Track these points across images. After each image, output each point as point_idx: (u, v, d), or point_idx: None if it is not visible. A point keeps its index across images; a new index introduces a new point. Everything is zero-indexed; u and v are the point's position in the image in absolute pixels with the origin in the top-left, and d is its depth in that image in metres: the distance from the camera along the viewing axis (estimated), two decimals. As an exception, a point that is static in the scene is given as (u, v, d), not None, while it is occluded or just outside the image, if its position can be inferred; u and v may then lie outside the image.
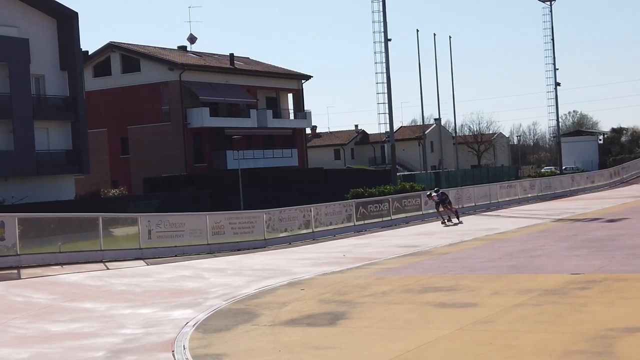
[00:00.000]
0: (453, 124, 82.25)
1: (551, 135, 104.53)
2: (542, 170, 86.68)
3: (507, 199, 45.38)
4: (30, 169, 45.48)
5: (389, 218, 35.41)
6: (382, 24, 49.87)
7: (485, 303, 13.57)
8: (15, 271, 19.20)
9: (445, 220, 33.59)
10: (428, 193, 33.99)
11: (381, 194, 40.69)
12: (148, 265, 22.13)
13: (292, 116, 70.90)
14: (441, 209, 34.24)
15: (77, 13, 48.86)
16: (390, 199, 36.41)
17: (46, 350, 12.09)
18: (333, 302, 14.93)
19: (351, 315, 13.41)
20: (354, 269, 20.12)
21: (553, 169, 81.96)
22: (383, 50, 49.90)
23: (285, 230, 29.82)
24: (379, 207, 35.31)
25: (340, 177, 66.73)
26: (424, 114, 77.99)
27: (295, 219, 30.44)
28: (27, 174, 45.43)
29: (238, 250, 26.43)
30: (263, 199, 50.99)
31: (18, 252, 19.91)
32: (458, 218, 34.13)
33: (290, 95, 71.56)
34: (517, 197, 46.53)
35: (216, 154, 61.50)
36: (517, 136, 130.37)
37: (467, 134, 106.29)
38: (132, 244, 23.98)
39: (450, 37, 69.95)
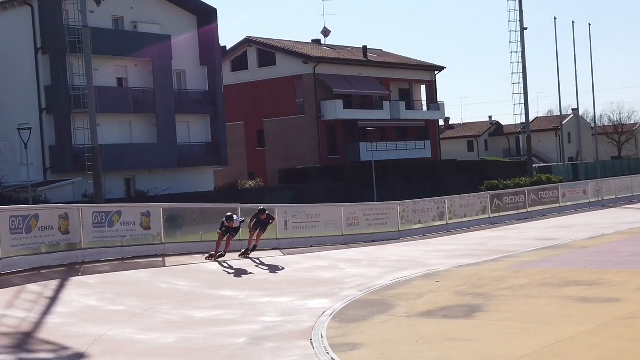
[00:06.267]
0: (592, 114, 79.69)
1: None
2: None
3: (651, 191, 43.57)
4: (172, 161, 47.23)
5: (525, 210, 34.72)
6: (517, 12, 48.95)
7: (630, 298, 13.15)
8: (161, 259, 20.00)
9: (222, 255, 20.47)
10: (229, 214, 20.55)
11: (516, 186, 39.99)
12: (285, 255, 22.57)
13: (425, 108, 70.43)
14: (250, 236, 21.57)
15: (216, 9, 50.32)
16: (526, 191, 35.69)
17: (190, 335, 12.58)
18: (469, 294, 14.83)
19: (488, 308, 13.29)
20: (489, 261, 19.90)
21: (701, 160, 77.91)
22: (519, 39, 48.99)
23: (419, 222, 29.75)
24: (515, 199, 34.67)
25: (473, 169, 65.88)
26: (562, 104, 75.65)
27: (429, 211, 30.32)
28: (170, 165, 47.19)
29: (372, 241, 26.57)
30: (396, 191, 51.02)
31: (163, 241, 20.73)
32: (247, 253, 21.38)
33: (423, 87, 71.10)
34: (662, 190, 44.57)
35: (349, 146, 61.89)
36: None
37: (606, 124, 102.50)
38: (269, 234, 24.43)
39: (589, 24, 67.64)
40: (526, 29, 48.87)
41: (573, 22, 66.41)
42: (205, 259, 20.26)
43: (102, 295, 15.35)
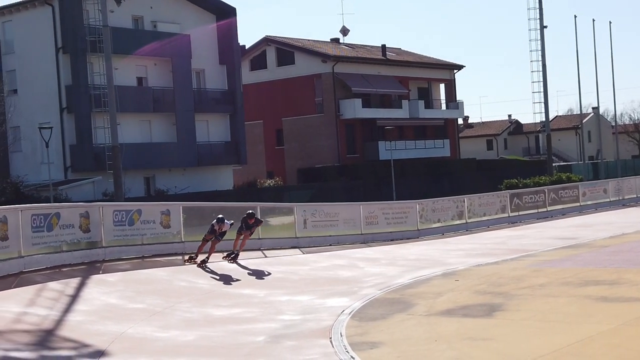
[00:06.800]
0: (612, 113, 79.13)
1: None
2: None
3: (672, 190, 43.22)
4: (191, 160, 47.42)
5: (544, 209, 34.59)
6: (537, 10, 48.75)
7: (650, 298, 13.08)
8: (180, 257, 20.03)
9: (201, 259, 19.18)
10: (220, 216, 19.24)
11: (536, 185, 39.83)
12: (304, 253, 22.58)
13: (444, 106, 70.28)
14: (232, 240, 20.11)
15: (235, 9, 50.47)
16: (546, 190, 35.55)
17: (210, 333, 12.64)
18: (488, 293, 14.80)
19: (508, 307, 13.26)
20: (509, 260, 19.85)
21: None
22: (539, 37, 48.83)
23: (438, 221, 29.68)
24: (534, 198, 34.54)
25: (493, 168, 65.66)
26: (582, 103, 75.33)
27: (448, 210, 30.25)
28: (189, 164, 47.39)
29: (391, 240, 26.55)
30: (415, 190, 50.93)
31: (182, 239, 20.80)
32: (231, 256, 19.87)
33: (442, 86, 70.95)
34: (683, 189, 44.20)
35: (368, 145, 61.87)
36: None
37: (627, 122, 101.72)
38: (288, 232, 24.52)
39: (610, 22, 67.35)
40: (546, 27, 48.69)
41: (593, 20, 66.34)
42: (185, 261, 19.14)
43: (123, 293, 15.44)
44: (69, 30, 42.74)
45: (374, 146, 61.44)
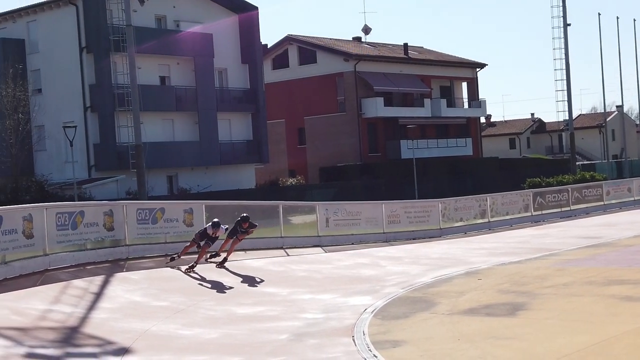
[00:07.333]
0: (636, 111, 78.61)
1: None
2: None
3: (698, 189, 42.78)
4: (214, 158, 47.57)
5: (568, 208, 34.38)
6: (561, 8, 48.56)
7: (676, 298, 12.98)
8: (206, 255, 20.09)
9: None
10: (216, 220, 18.25)
11: (559, 184, 39.63)
12: (326, 252, 22.59)
13: (466, 105, 70.03)
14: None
15: (257, 8, 50.58)
16: (570, 189, 35.35)
17: (233, 331, 12.69)
18: (512, 292, 14.75)
19: (531, 306, 13.21)
20: (532, 259, 19.77)
21: None
22: (562, 35, 48.60)
23: (461, 220, 29.60)
24: (558, 197, 34.36)
25: (515, 167, 65.38)
26: (605, 101, 74.89)
27: (470, 209, 30.16)
28: (211, 163, 47.54)
29: (413, 239, 26.53)
30: (437, 189, 50.82)
31: (205, 238, 20.84)
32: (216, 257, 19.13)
33: (464, 84, 70.70)
34: None
35: (390, 144, 61.77)
36: None
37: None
38: (310, 231, 24.54)
39: (634, 20, 66.72)
40: (569, 25, 48.47)
41: (617, 18, 65.68)
42: (166, 263, 18.31)
43: (147, 291, 15.55)
44: (93, 30, 43.03)
45: (396, 145, 61.34)
